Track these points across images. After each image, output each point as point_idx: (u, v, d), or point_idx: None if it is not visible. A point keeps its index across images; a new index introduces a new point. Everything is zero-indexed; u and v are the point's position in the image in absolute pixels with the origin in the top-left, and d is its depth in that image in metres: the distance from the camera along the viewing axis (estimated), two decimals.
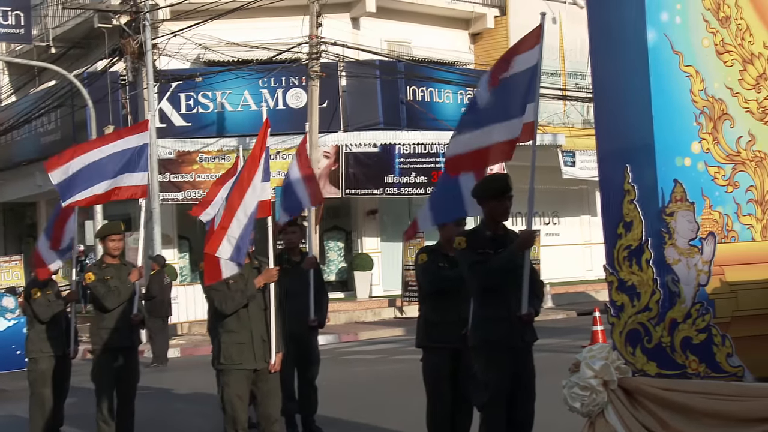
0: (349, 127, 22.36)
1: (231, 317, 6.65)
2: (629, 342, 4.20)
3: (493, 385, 5.89)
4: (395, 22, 24.59)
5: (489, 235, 6.04)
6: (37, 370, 8.98)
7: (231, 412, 6.63)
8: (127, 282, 8.31)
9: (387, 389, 11.35)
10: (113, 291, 8.23)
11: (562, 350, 11.36)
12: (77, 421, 9.46)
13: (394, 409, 9.72)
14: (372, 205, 23.81)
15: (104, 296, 8.19)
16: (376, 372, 13.21)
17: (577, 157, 24.67)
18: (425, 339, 7.33)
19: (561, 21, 24.93)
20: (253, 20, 21.77)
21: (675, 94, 4.15)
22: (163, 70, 21.36)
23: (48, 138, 25.16)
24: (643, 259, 4.11)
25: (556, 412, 5.24)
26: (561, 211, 26.81)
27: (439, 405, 7.20)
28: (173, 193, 21.50)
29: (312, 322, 8.72)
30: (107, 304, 8.19)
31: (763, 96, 4.37)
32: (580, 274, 26.33)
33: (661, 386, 4.00)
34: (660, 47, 4.13)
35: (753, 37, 4.35)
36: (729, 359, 3.94)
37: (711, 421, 3.77)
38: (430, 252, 7.37)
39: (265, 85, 22.08)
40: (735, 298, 4.09)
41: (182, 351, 17.72)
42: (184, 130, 21.95)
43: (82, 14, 23.49)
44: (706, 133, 4.20)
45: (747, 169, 4.28)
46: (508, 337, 5.92)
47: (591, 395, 4.15)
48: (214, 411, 9.80)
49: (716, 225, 4.17)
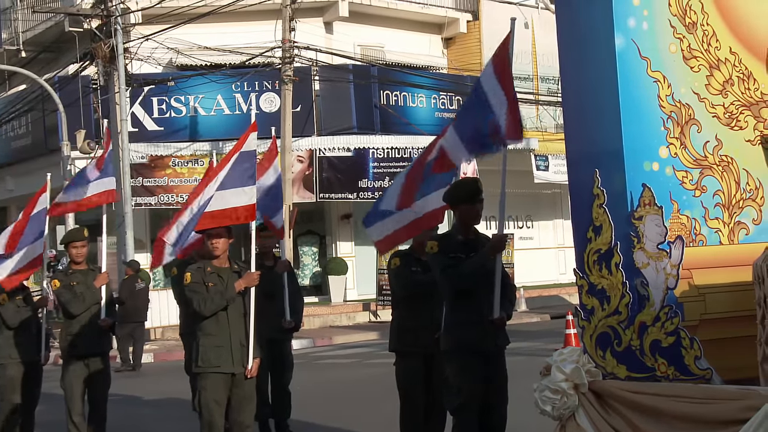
0: (322, 132, 22.36)
1: (210, 320, 6.61)
2: (599, 345, 4.22)
3: (465, 389, 5.89)
4: (368, 26, 24.61)
5: (461, 240, 6.05)
6: (6, 376, 8.90)
7: (208, 417, 6.59)
8: (92, 287, 8.27)
9: (361, 393, 11.34)
10: (78, 297, 8.18)
11: (536, 353, 11.40)
12: (48, 427, 9.39)
13: (368, 413, 9.72)
14: (346, 210, 23.80)
15: (69, 302, 8.15)
16: (350, 376, 13.20)
17: (549, 161, 24.77)
18: (399, 343, 7.33)
19: (533, 26, 25.03)
20: (226, 24, 21.73)
21: (643, 99, 4.18)
22: (135, 75, 21.27)
23: (19, 142, 24.98)
24: (612, 263, 4.14)
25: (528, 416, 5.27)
26: (534, 215, 26.91)
27: (412, 409, 7.20)
28: (146, 198, 21.40)
29: (287, 324, 8.71)
30: (72, 310, 8.15)
31: (729, 101, 4.41)
32: (554, 277, 26.44)
33: (631, 389, 4.02)
34: (628, 52, 4.16)
35: (719, 43, 4.40)
36: (697, 362, 3.97)
37: (680, 423, 3.79)
38: (403, 256, 7.38)
39: (238, 90, 22.03)
40: (703, 301, 4.13)
41: (155, 356, 17.61)
42: (156, 135, 21.85)
43: (52, 18, 23.32)
44: (674, 138, 4.24)
45: (714, 173, 4.33)
46: (481, 342, 5.93)
47: (562, 398, 4.17)
48: (186, 416, 9.77)
49: (684, 229, 4.21)
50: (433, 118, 23.27)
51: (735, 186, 4.38)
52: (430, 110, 23.57)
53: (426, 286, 6.90)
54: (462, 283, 5.92)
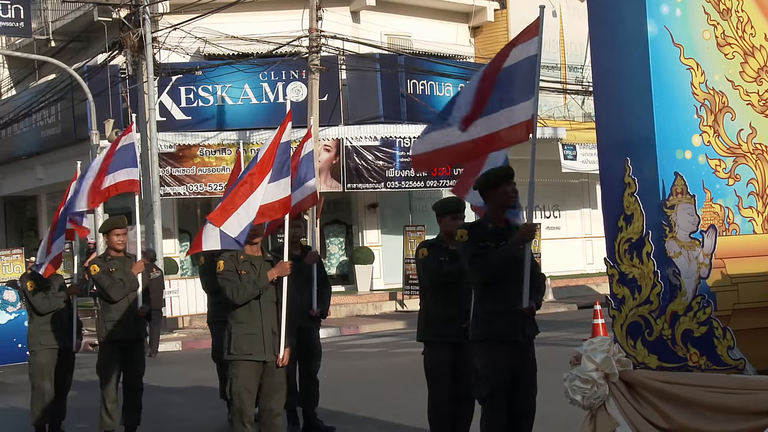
0: (349, 121, 22.37)
1: (242, 308, 6.64)
2: (630, 335, 4.21)
3: (493, 378, 5.90)
4: (395, 15, 24.57)
5: (491, 228, 6.04)
6: (37, 363, 9.00)
7: (239, 404, 6.63)
8: (130, 274, 8.36)
9: (388, 383, 11.37)
10: (118, 283, 8.27)
11: (563, 343, 11.38)
12: (81, 413, 9.49)
13: (396, 402, 9.75)
14: (373, 199, 23.82)
15: (109, 287, 8.23)
16: (377, 365, 13.23)
17: (577, 151, 24.66)
18: (427, 333, 7.34)
19: (561, 14, 24.92)
20: (253, 14, 21.78)
21: (675, 87, 4.15)
22: (163, 64, 21.35)
23: (48, 132, 25.18)
24: (643, 252, 4.12)
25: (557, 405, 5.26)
26: (562, 205, 26.82)
27: (440, 398, 7.21)
28: (174, 187, 21.52)
29: (314, 313, 8.75)
30: (112, 295, 8.23)
31: (764, 89, 4.37)
32: (581, 267, 26.36)
33: (663, 379, 4.01)
34: (660, 40, 4.13)
35: (754, 30, 4.36)
36: (730, 352, 3.95)
37: (712, 414, 3.77)
38: (431, 246, 7.38)
39: (265, 79, 22.09)
40: (736, 290, 4.10)
41: (183, 344, 17.74)
42: (184, 124, 21.95)
43: (81, 7, 23.46)
44: (707, 126, 4.21)
45: (748, 161, 4.29)
46: (510, 331, 5.92)
47: (592, 388, 4.16)
48: (214, 404, 9.84)
49: (717, 218, 4.18)
50: None
51: None
52: None
53: (454, 276, 6.91)
54: (491, 272, 5.91)
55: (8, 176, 27.99)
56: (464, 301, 6.62)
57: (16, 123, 26.05)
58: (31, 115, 25.19)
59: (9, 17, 23.94)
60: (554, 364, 5.73)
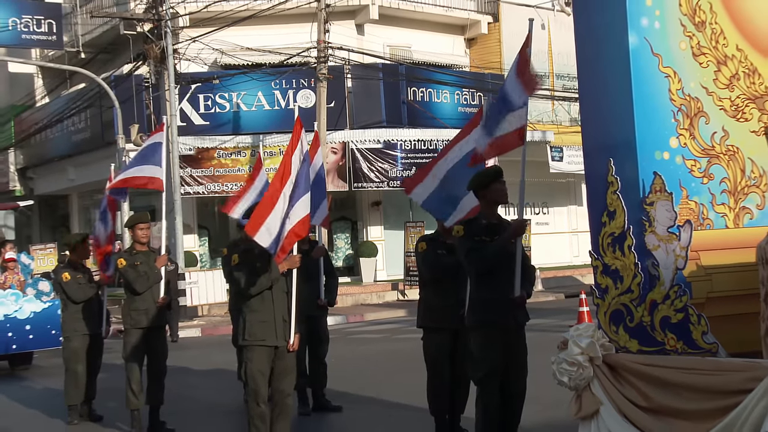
0: (354, 126, 22.36)
1: (256, 298, 6.64)
2: (613, 321, 4.21)
3: (488, 361, 5.90)
4: (397, 28, 24.54)
5: (485, 224, 6.04)
6: (71, 348, 9.05)
7: (253, 386, 6.63)
8: (154, 268, 8.37)
9: (390, 366, 11.37)
10: (142, 276, 8.29)
11: (552, 330, 11.37)
12: (109, 393, 9.51)
13: (398, 384, 9.75)
14: (376, 197, 23.81)
15: (134, 280, 8.25)
16: (380, 350, 13.23)
17: (564, 153, 24.63)
18: (426, 320, 7.34)
19: (549, 27, 24.87)
20: (266, 27, 21.76)
21: (654, 93, 4.15)
22: (184, 73, 21.36)
23: (79, 136, 25.21)
24: (625, 245, 4.12)
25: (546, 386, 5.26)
26: (550, 202, 26.79)
27: (438, 380, 7.22)
28: (194, 187, 21.53)
29: (322, 302, 8.76)
30: (137, 287, 8.25)
31: (736, 95, 4.37)
32: (568, 259, 26.33)
33: (643, 362, 4.01)
34: (641, 50, 4.13)
35: (726, 40, 4.35)
36: (704, 337, 3.95)
37: (688, 393, 3.77)
38: (429, 241, 7.39)
39: (277, 87, 22.08)
40: (710, 280, 4.10)
41: (203, 331, 17.75)
42: (202, 129, 21.95)
43: (108, 22, 23.49)
44: (684, 129, 4.21)
45: (721, 162, 4.29)
46: (503, 318, 5.93)
47: (578, 370, 4.16)
48: (230, 386, 9.84)
49: (693, 214, 4.18)
50: (457, 112, 23.23)
51: (740, 174, 4.34)
52: (454, 105, 23.50)
53: (450, 268, 6.91)
54: (485, 264, 5.92)
55: (42, 177, 28.02)
56: (460, 290, 6.63)
57: (49, 128, 26.09)
58: (63, 120, 25.22)
59: (43, 31, 23.98)
60: (543, 349, 5.73)
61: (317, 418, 8.55)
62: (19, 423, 9.15)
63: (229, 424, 8.44)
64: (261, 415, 6.62)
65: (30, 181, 28.78)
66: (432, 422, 7.29)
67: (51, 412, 9.55)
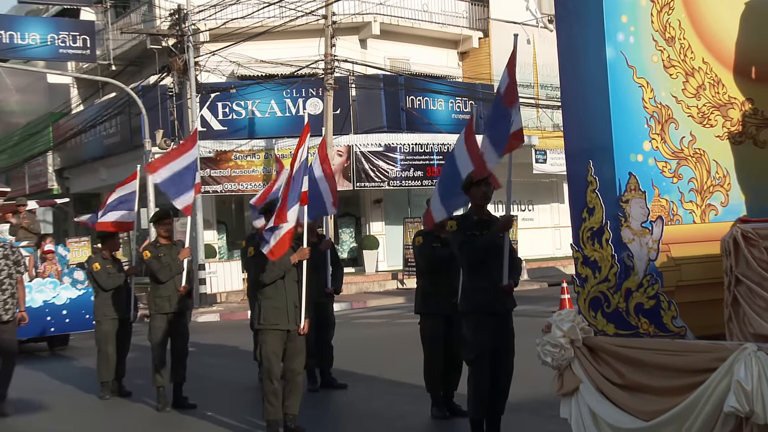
0: (358, 130, 22.34)
1: (270, 286, 6.65)
2: (592, 307, 4.21)
3: (479, 344, 5.91)
4: (396, 42, 24.53)
5: (476, 219, 6.05)
6: (101, 330, 9.06)
7: (267, 365, 6.65)
8: (177, 259, 8.36)
9: (390, 348, 11.37)
10: (165, 267, 8.28)
11: (536, 315, 11.37)
12: (137, 372, 9.52)
13: (397, 364, 9.75)
14: (378, 195, 23.80)
15: (158, 271, 8.25)
16: (381, 334, 13.23)
17: (548, 155, 24.61)
18: (422, 307, 7.35)
19: (534, 42, 24.82)
20: (278, 42, 21.76)
21: (629, 102, 4.14)
22: (204, 84, 21.35)
23: (110, 140, 25.20)
24: (603, 239, 4.11)
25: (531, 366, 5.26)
26: (534, 200, 26.78)
27: (434, 361, 7.23)
28: (213, 186, 21.52)
29: (328, 290, 8.77)
30: (161, 277, 8.25)
31: (702, 103, 4.36)
32: (551, 252, 26.32)
33: (618, 344, 4.01)
34: (617, 62, 4.12)
35: (694, 54, 4.34)
36: (674, 321, 3.95)
37: (659, 372, 3.77)
38: (425, 235, 7.40)
39: (288, 96, 22.07)
40: (679, 270, 4.09)
41: (221, 316, 17.76)
42: (221, 133, 21.94)
43: (137, 37, 23.48)
44: (656, 134, 4.20)
45: (689, 163, 4.28)
46: (492, 304, 5.93)
47: (560, 351, 4.16)
48: (246, 365, 9.85)
49: (664, 210, 4.17)
50: (450, 119, 23.23)
51: (706, 174, 4.33)
52: (448, 112, 23.49)
53: (444, 260, 6.91)
54: (476, 256, 5.92)
55: (77, 177, 28.02)
56: (453, 280, 6.63)
57: (83, 133, 26.09)
58: (96, 126, 25.23)
59: (78, 46, 24.03)
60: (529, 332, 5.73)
61: (324, 394, 8.56)
62: (57, 397, 9.16)
63: (245, 399, 8.45)
64: (274, 392, 6.63)
65: (66, 181, 28.79)
66: (428, 398, 7.30)
67: (85, 388, 9.56)
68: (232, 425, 7.36)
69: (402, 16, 24.27)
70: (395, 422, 7.16)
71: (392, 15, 23.92)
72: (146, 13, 24.81)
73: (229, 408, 8.04)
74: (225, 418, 7.61)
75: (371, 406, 7.94)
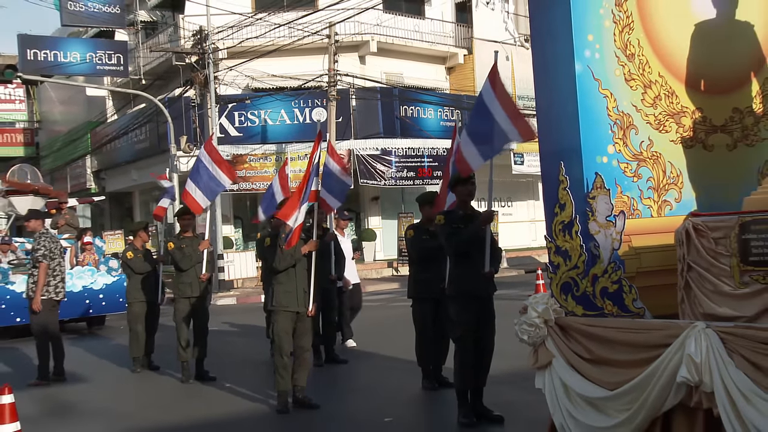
0: (358, 136, 22.31)
1: (282, 273, 6.64)
2: (563, 291, 4.21)
3: (464, 323, 5.90)
4: (391, 59, 24.50)
5: (461, 214, 6.04)
6: (132, 312, 9.06)
7: (279, 342, 6.64)
8: (197, 250, 8.35)
9: (386, 328, 11.37)
10: (187, 256, 8.28)
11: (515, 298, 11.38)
12: (164, 349, 9.51)
13: (392, 342, 9.75)
14: (375, 193, 23.79)
15: (180, 260, 8.25)
16: (378, 315, 13.23)
17: (524, 158, 24.59)
18: (414, 291, 7.35)
19: (512, 59, 24.80)
20: (288, 58, 21.72)
21: (595, 110, 4.13)
22: (222, 95, 21.31)
23: (140, 145, 25.16)
24: (573, 231, 4.11)
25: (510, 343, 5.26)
26: (513, 197, 26.78)
27: (425, 339, 7.23)
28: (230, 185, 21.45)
29: (332, 277, 8.75)
30: (182, 265, 8.25)
31: (659, 111, 4.36)
32: (528, 243, 26.34)
33: (586, 323, 4.01)
34: (585, 76, 4.11)
35: (651, 69, 4.34)
36: (634, 303, 3.95)
37: (621, 347, 3.78)
38: (416, 228, 7.40)
39: (296, 106, 22.03)
40: (639, 258, 4.10)
41: (237, 299, 17.75)
42: (237, 139, 21.89)
43: (164, 55, 23.42)
44: (618, 139, 4.20)
45: (647, 165, 4.28)
46: (476, 289, 5.93)
47: (535, 330, 4.17)
48: (260, 343, 9.85)
49: (625, 206, 4.17)
50: (439, 126, 23.20)
51: (662, 174, 4.33)
52: (437, 120, 23.47)
53: (433, 251, 6.91)
54: (461, 246, 5.92)
55: (112, 178, 27.97)
56: (441, 267, 6.62)
57: (117, 139, 26.03)
58: (128, 133, 25.19)
59: (113, 63, 24.06)
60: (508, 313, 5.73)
61: (328, 368, 8.56)
62: (94, 371, 9.16)
63: (259, 373, 8.45)
64: (284, 366, 6.63)
65: (102, 181, 28.72)
66: (419, 372, 7.30)
67: (119, 362, 9.56)
68: (248, 395, 7.36)
69: (396, 35, 24.23)
70: (390, 393, 7.16)
71: (388, 35, 23.88)
72: (172, 34, 24.78)
73: (245, 380, 8.04)
74: (241, 389, 7.61)
75: (369, 378, 7.94)
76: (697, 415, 3.42)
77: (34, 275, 8.24)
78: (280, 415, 6.54)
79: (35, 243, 8.34)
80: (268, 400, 7.03)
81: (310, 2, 22.32)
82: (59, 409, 7.37)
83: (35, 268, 8.25)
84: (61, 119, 32.65)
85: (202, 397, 7.56)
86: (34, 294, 8.20)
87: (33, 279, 8.26)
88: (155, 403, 7.39)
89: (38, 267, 8.21)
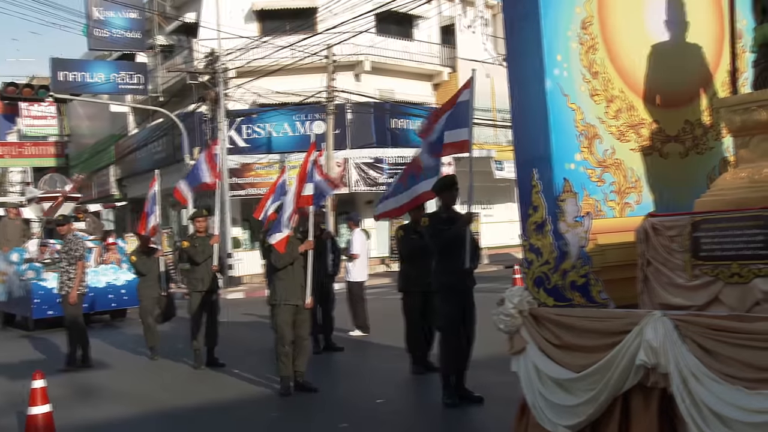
0: (353, 146, 22.30)
1: (282, 270, 6.64)
2: (536, 284, 4.21)
3: (448, 314, 5.91)
4: (384, 77, 24.49)
5: (444, 216, 6.05)
6: (143, 307, 9.13)
7: (280, 333, 6.64)
8: (209, 246, 8.36)
9: (379, 318, 11.35)
10: (200, 253, 8.27)
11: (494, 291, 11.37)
12: (176, 338, 9.48)
13: (384, 331, 9.75)
14: (369, 197, 23.76)
15: (194, 255, 8.27)
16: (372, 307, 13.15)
17: (504, 165, 24.63)
18: (404, 285, 7.35)
19: (493, 76, 24.85)
20: (290, 77, 21.70)
21: (564, 122, 4.14)
22: (232, 110, 21.27)
23: (158, 155, 25.10)
24: (545, 230, 4.11)
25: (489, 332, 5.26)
26: (493, 200, 26.79)
27: (414, 329, 7.24)
28: (239, 191, 21.45)
29: (329, 272, 8.74)
30: (197, 259, 8.29)
31: (620, 123, 4.36)
32: (506, 241, 26.31)
33: (556, 313, 4.01)
34: (555, 92, 4.11)
35: (613, 85, 4.35)
36: (600, 294, 3.95)
37: (588, 334, 3.78)
38: (405, 229, 7.41)
39: (297, 119, 22.02)
40: (604, 254, 4.09)
41: (245, 294, 17.70)
42: (245, 149, 21.85)
43: (179, 75, 23.39)
44: (585, 148, 4.20)
45: (610, 171, 4.28)
46: (458, 283, 5.93)
47: (511, 320, 4.16)
48: (264, 333, 9.82)
49: (591, 207, 4.17)
50: None
51: (623, 179, 4.34)
52: None
53: (421, 248, 6.91)
54: (445, 245, 5.92)
55: (133, 185, 27.89)
56: (428, 264, 6.62)
57: (138, 150, 25.99)
58: (147, 145, 25.15)
59: (134, 82, 24.13)
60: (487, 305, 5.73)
61: (326, 356, 8.56)
62: (116, 358, 9.12)
63: (263, 359, 8.43)
64: (286, 354, 6.62)
65: (124, 188, 28.66)
66: (408, 358, 7.29)
67: (138, 351, 9.52)
68: (254, 380, 7.34)
69: (388, 56, 24.23)
70: (382, 377, 7.16)
71: (380, 55, 23.87)
72: (187, 56, 24.71)
73: (252, 366, 8.02)
74: (248, 375, 7.59)
75: (363, 364, 7.93)
76: (653, 393, 3.43)
77: (69, 272, 8.33)
78: (283, 398, 6.53)
79: (71, 244, 8.46)
80: (272, 384, 7.01)
81: (310, 26, 22.31)
82: (85, 392, 7.34)
83: (71, 266, 8.36)
84: (88, 133, 32.59)
85: (212, 381, 7.54)
86: (70, 289, 8.28)
87: (68, 276, 8.34)
88: (170, 387, 7.37)
89: (76, 265, 8.32)
